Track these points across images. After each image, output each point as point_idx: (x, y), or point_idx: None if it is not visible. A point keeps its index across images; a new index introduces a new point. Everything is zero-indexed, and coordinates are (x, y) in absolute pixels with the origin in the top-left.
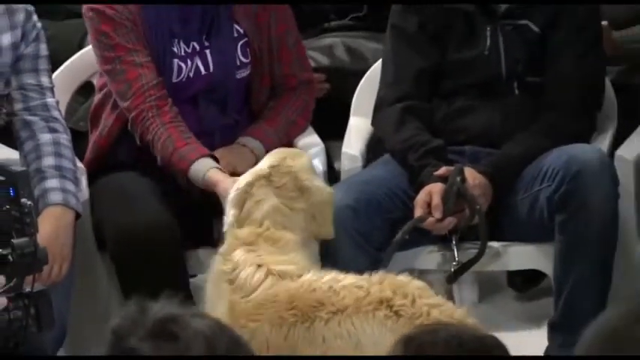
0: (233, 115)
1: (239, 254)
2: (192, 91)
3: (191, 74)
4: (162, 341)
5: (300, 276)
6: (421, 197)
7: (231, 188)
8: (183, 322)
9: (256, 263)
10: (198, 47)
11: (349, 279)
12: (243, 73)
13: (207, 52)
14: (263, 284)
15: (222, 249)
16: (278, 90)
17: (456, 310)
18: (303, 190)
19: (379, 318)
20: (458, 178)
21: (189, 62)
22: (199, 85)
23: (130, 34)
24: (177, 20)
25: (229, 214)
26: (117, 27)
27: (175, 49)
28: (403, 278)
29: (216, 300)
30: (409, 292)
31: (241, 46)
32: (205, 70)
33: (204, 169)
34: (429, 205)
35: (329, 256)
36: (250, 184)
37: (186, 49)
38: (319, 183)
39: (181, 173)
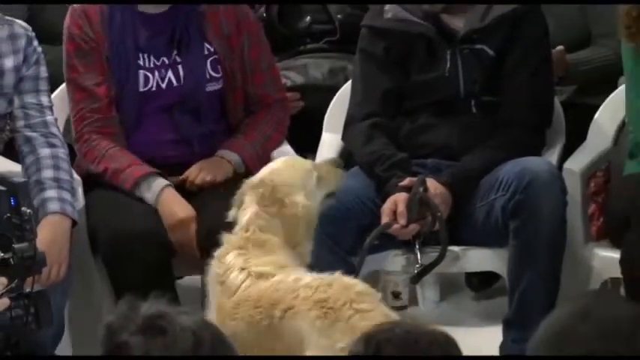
0: (209, 125)
1: (230, 257)
2: (166, 101)
3: (163, 85)
4: (152, 335)
5: (274, 276)
6: (387, 205)
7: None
8: (170, 317)
9: (241, 266)
10: (168, 61)
11: (307, 279)
12: (214, 87)
13: (180, 66)
14: (242, 285)
15: (217, 252)
16: (254, 107)
17: (383, 317)
18: (277, 202)
19: (311, 318)
20: (421, 188)
21: (156, 73)
22: (172, 96)
23: (87, 56)
24: (144, 37)
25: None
26: (76, 47)
27: (141, 62)
28: (351, 282)
29: (212, 301)
30: (345, 296)
31: (211, 62)
32: (177, 82)
33: (159, 187)
34: (394, 212)
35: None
36: (242, 193)
37: (156, 62)
38: (298, 198)
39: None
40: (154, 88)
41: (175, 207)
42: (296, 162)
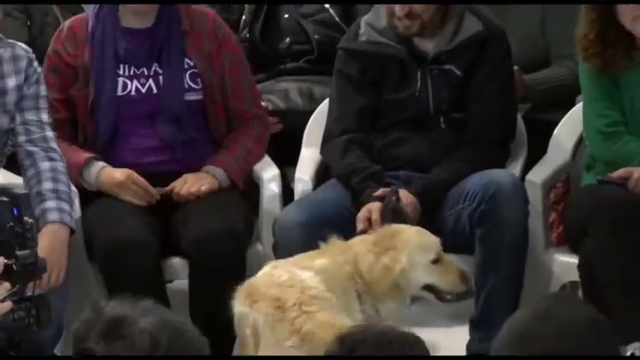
0: (190, 132)
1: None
2: (146, 107)
3: (143, 91)
4: (112, 341)
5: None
6: (362, 214)
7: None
8: (130, 321)
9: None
10: (147, 72)
11: (286, 276)
12: (193, 97)
13: (160, 77)
14: None
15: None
16: (235, 123)
17: (327, 321)
18: (388, 248)
19: (268, 314)
20: (393, 198)
21: (135, 81)
22: (152, 103)
23: (57, 72)
24: (125, 48)
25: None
26: (51, 63)
27: (120, 71)
28: (311, 285)
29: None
30: (297, 297)
31: (190, 74)
32: (156, 89)
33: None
34: (369, 220)
35: None
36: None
37: (136, 71)
38: (404, 259)
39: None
40: (132, 93)
41: (114, 174)
42: (427, 234)
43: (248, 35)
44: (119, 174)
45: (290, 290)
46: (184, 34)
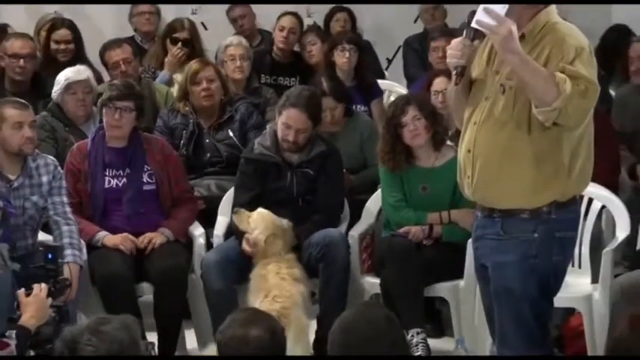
0: (146, 206)
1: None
2: (121, 194)
3: (119, 184)
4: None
5: None
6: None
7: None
8: (79, 335)
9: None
10: (122, 173)
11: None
12: (149, 187)
13: (129, 175)
14: None
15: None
16: (176, 202)
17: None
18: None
19: (262, 301)
20: None
21: (115, 179)
22: (124, 191)
23: (72, 175)
24: (109, 159)
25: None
26: (67, 169)
27: (107, 173)
28: (286, 283)
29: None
30: (276, 291)
31: (148, 174)
32: (128, 182)
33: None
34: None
35: None
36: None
37: (115, 173)
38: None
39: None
40: (113, 186)
41: (116, 240)
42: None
43: (185, 152)
44: (120, 238)
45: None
46: (144, 150)
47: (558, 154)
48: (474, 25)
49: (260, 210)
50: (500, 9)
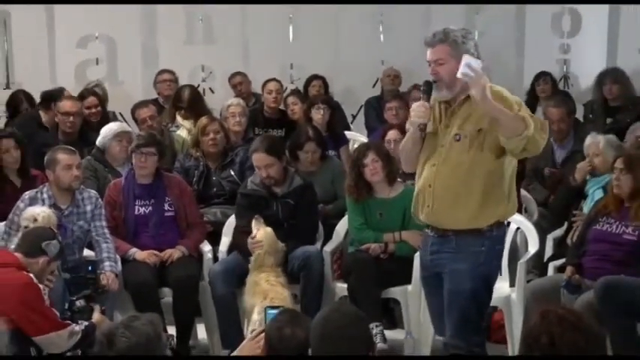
0: (167, 229)
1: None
2: (148, 219)
3: (146, 212)
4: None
5: None
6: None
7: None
8: (115, 330)
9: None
10: (149, 202)
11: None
12: (169, 214)
13: (154, 205)
14: None
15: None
16: (190, 226)
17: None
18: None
19: (262, 301)
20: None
21: (143, 207)
22: (150, 217)
23: (109, 206)
24: (138, 192)
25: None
26: (106, 202)
27: (136, 203)
28: (279, 288)
29: None
30: (272, 294)
31: (168, 204)
32: (153, 210)
33: (134, 252)
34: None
35: None
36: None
37: (144, 202)
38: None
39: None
40: (142, 213)
41: (144, 255)
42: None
43: (196, 187)
44: (147, 254)
45: (270, 287)
46: (165, 186)
47: (500, 186)
48: (459, 76)
49: (269, 229)
50: (478, 64)
